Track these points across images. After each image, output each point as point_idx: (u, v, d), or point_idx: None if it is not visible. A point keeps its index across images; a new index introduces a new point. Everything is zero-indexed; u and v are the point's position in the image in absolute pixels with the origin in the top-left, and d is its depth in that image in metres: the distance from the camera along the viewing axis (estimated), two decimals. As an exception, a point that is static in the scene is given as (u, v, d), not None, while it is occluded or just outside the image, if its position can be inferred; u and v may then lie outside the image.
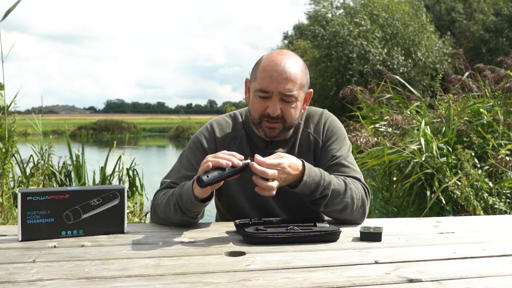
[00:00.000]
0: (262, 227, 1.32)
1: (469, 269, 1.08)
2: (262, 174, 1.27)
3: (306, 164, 1.39)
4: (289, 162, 1.34)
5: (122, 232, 1.37)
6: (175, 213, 1.41)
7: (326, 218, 1.58)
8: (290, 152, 1.57)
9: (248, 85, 1.58)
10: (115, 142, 5.73)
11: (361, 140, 3.95)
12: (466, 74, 5.27)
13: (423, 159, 3.57)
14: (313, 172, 1.40)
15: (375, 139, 4.05)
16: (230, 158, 1.27)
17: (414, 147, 3.65)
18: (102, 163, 5.32)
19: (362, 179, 1.55)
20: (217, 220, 1.76)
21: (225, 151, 1.31)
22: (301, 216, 1.51)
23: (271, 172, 1.28)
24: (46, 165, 4.16)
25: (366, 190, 1.52)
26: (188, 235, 1.35)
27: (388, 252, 1.21)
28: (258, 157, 1.30)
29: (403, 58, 19.57)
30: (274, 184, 1.29)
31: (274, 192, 1.30)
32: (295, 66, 1.50)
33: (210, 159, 1.27)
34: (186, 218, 1.42)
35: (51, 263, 1.08)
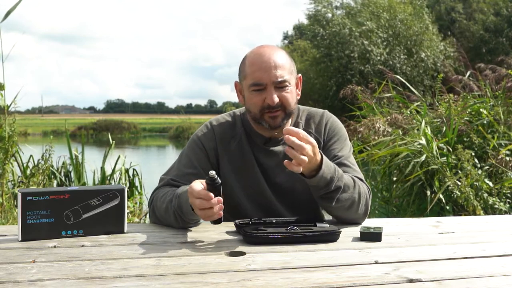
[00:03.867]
0: (262, 227, 1.32)
1: (469, 269, 1.08)
2: (299, 148, 1.25)
3: (323, 154, 1.38)
4: (315, 143, 1.32)
5: (122, 232, 1.37)
6: (176, 222, 1.41)
7: (326, 218, 1.58)
8: None
9: (239, 87, 1.59)
10: (113, 142, 5.67)
11: (377, 125, 3.91)
12: (468, 73, 5.26)
13: (423, 158, 3.56)
14: (329, 163, 1.40)
15: (390, 128, 4.00)
16: (211, 203, 1.22)
17: (422, 141, 3.62)
18: (101, 163, 5.31)
19: (364, 179, 1.55)
20: None
21: (196, 192, 1.23)
22: (302, 215, 1.51)
23: (308, 147, 1.26)
24: (46, 165, 4.16)
25: (369, 190, 1.54)
26: (188, 235, 1.35)
27: (388, 252, 1.21)
28: (289, 128, 1.28)
29: (404, 58, 19.56)
30: (306, 159, 1.27)
31: (301, 169, 1.28)
32: (279, 54, 1.52)
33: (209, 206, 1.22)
34: (188, 224, 1.42)
35: (51, 263, 1.08)
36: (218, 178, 1.24)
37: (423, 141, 3.62)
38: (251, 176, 1.57)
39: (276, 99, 1.48)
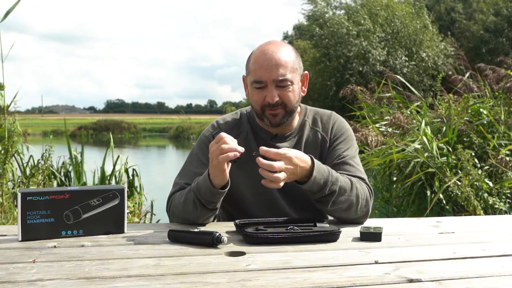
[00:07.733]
0: (262, 227, 1.32)
1: (469, 269, 1.08)
2: (268, 167, 1.28)
3: (315, 159, 1.40)
4: (296, 153, 1.34)
5: (122, 232, 1.37)
6: (195, 209, 1.42)
7: (329, 217, 1.58)
8: (296, 146, 1.59)
9: (245, 81, 1.61)
10: (111, 142, 5.63)
11: (370, 139, 3.93)
12: (467, 74, 5.26)
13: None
14: (322, 168, 1.41)
15: (383, 138, 4.03)
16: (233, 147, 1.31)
17: (417, 145, 3.64)
18: (101, 163, 5.30)
19: (367, 180, 1.56)
20: (219, 217, 1.76)
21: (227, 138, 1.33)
22: (306, 211, 1.51)
23: (278, 164, 1.28)
24: (46, 165, 4.16)
25: (370, 191, 1.54)
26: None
27: (388, 252, 1.21)
28: (263, 147, 1.31)
29: (405, 58, 19.54)
30: (281, 175, 1.29)
31: (282, 184, 1.30)
32: (283, 52, 1.52)
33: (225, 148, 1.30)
34: (206, 212, 1.43)
35: (51, 263, 1.08)
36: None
37: (418, 146, 3.63)
38: (256, 171, 1.58)
39: (276, 98, 1.50)
